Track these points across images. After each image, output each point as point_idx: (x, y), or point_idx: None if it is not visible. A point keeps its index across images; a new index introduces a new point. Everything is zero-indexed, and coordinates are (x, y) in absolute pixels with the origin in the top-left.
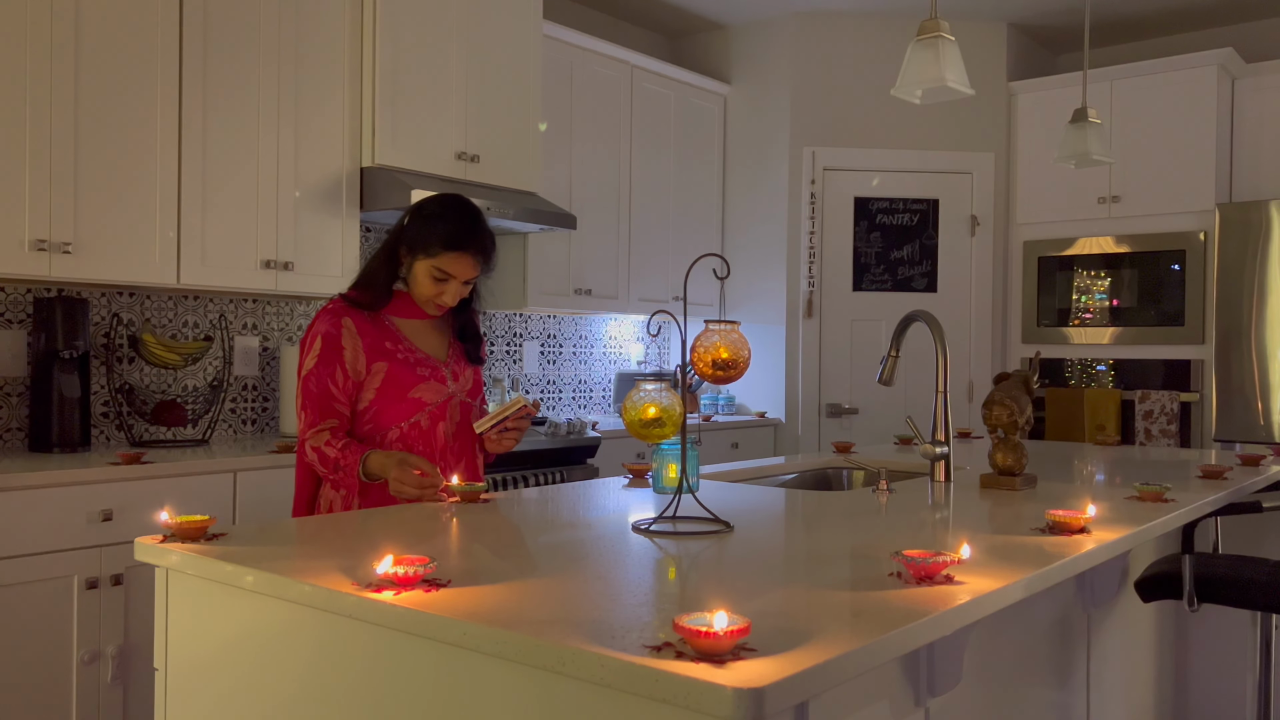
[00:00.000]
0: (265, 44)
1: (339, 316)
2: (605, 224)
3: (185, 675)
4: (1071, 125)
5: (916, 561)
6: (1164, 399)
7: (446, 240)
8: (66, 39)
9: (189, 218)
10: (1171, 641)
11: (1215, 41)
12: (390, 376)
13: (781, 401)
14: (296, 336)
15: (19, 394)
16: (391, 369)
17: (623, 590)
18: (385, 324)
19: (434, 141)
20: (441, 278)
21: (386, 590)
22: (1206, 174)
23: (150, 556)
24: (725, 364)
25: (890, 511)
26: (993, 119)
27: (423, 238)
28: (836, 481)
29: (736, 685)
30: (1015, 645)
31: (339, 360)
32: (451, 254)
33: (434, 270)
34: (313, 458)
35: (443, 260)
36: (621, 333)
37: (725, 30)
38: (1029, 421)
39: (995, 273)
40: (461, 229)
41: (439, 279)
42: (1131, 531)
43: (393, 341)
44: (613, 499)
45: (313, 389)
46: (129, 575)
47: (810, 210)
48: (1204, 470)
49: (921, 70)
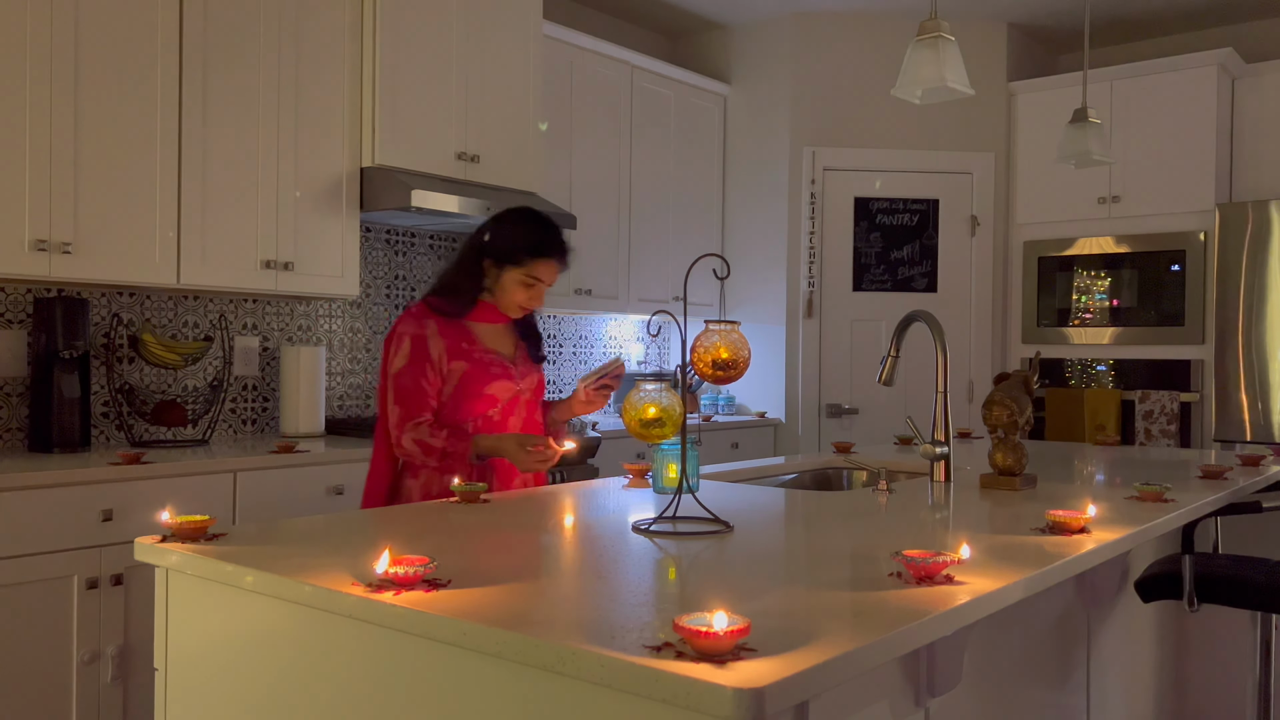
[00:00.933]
0: (265, 44)
1: (423, 320)
2: (605, 224)
3: (185, 675)
4: (1071, 125)
5: (916, 561)
6: (1164, 399)
7: (534, 249)
8: (67, 39)
9: (189, 218)
10: (1171, 641)
11: (1215, 41)
12: (467, 375)
13: (781, 401)
14: (297, 336)
15: (19, 394)
16: (469, 368)
17: (623, 590)
18: (463, 327)
19: (434, 141)
20: (530, 283)
21: (386, 590)
22: (1206, 174)
23: (150, 556)
24: (725, 364)
25: (890, 511)
26: (993, 119)
27: (510, 249)
28: (836, 481)
29: (736, 685)
30: (1015, 645)
31: (428, 359)
32: (539, 261)
33: (524, 278)
34: (413, 449)
35: (532, 268)
36: (621, 333)
37: (725, 30)
38: (1029, 421)
39: (995, 273)
40: (546, 238)
41: (528, 285)
42: (1131, 531)
43: (469, 343)
44: (613, 499)
45: (407, 385)
46: (129, 575)
47: (810, 210)
48: (1204, 470)
49: (921, 70)
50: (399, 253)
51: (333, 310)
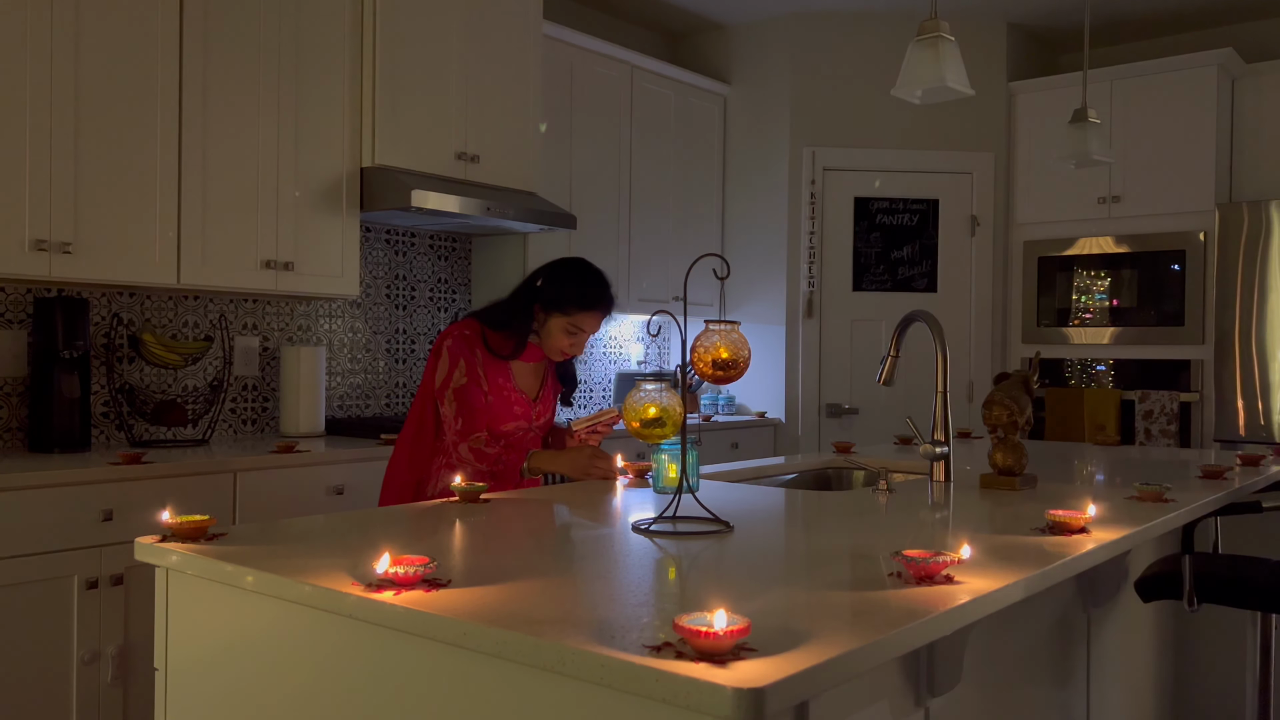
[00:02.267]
0: (265, 44)
1: (474, 349)
2: (605, 224)
3: (185, 675)
4: (1071, 125)
5: (916, 561)
6: (1164, 399)
7: (582, 302)
8: (67, 39)
9: (189, 218)
10: (1171, 641)
11: (1215, 41)
12: (491, 405)
13: (781, 401)
14: (297, 336)
15: (19, 394)
16: (494, 401)
17: (623, 590)
18: (502, 362)
19: (434, 141)
20: (574, 332)
21: (386, 590)
22: (1206, 174)
23: (150, 556)
24: (725, 364)
25: (890, 511)
26: (993, 119)
27: (560, 298)
28: (836, 481)
29: (736, 685)
30: (1015, 645)
31: (479, 381)
32: (585, 313)
33: (569, 326)
34: (468, 456)
35: (578, 318)
36: (621, 333)
37: (725, 30)
38: (1029, 421)
39: (995, 273)
40: (594, 292)
41: (571, 333)
42: (1131, 531)
43: (504, 379)
44: (613, 499)
45: (468, 400)
46: (129, 575)
47: (810, 210)
48: (1204, 470)
49: (921, 70)
50: (399, 253)
51: (333, 310)
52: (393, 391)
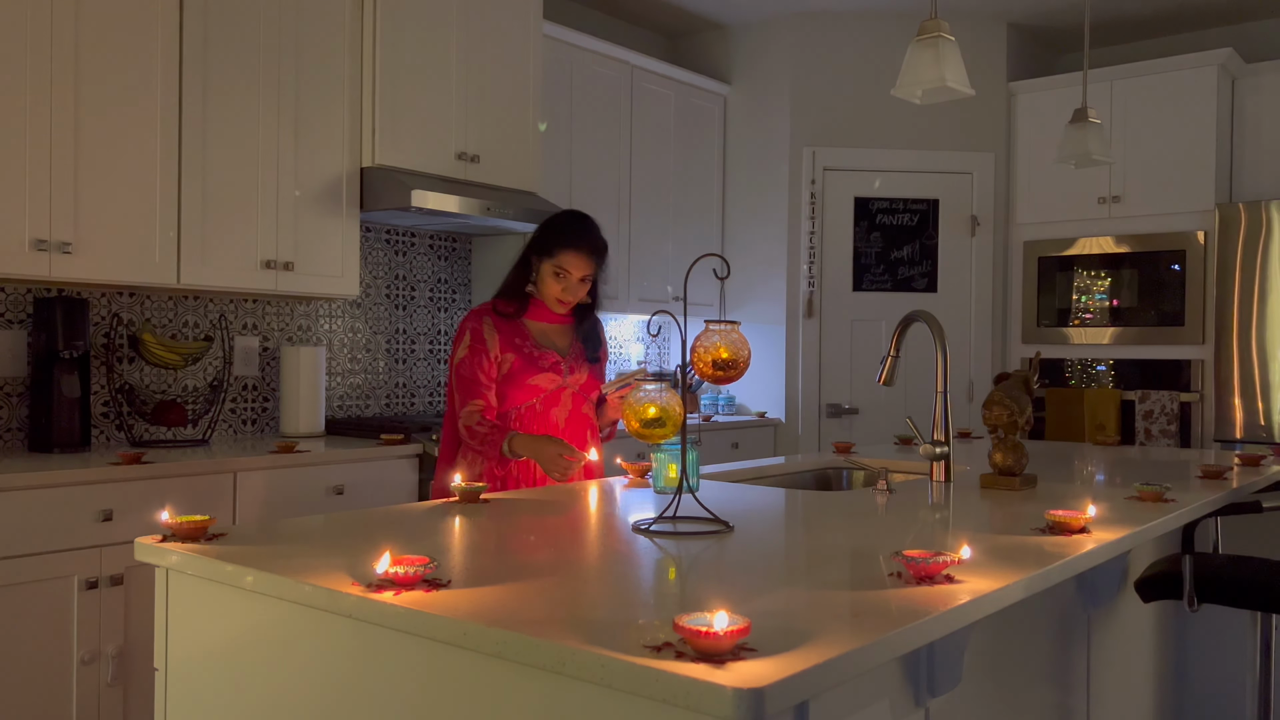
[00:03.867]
0: (265, 44)
1: (481, 316)
2: (605, 224)
3: (185, 675)
4: (1071, 125)
5: (916, 561)
6: (1164, 399)
7: (561, 239)
8: (67, 39)
9: (189, 218)
10: (1171, 641)
11: (1215, 41)
12: (516, 365)
13: (781, 401)
14: (297, 336)
15: (19, 394)
16: (516, 359)
17: (623, 590)
18: (518, 324)
19: (434, 141)
20: (560, 273)
21: (386, 590)
22: (1206, 174)
23: (150, 556)
24: (725, 364)
25: (890, 511)
26: (993, 119)
27: (545, 242)
28: (836, 481)
29: (736, 685)
30: (1015, 645)
31: (484, 350)
32: (565, 251)
33: (554, 268)
34: (463, 432)
35: (560, 258)
36: (621, 333)
37: (725, 30)
38: (1029, 421)
39: (995, 273)
40: (574, 228)
41: (558, 275)
42: (1131, 531)
43: (521, 338)
44: (612, 499)
45: (465, 374)
46: (129, 575)
47: (810, 210)
48: (1204, 470)
49: (921, 70)
50: (399, 252)
51: (333, 310)
52: (393, 392)
